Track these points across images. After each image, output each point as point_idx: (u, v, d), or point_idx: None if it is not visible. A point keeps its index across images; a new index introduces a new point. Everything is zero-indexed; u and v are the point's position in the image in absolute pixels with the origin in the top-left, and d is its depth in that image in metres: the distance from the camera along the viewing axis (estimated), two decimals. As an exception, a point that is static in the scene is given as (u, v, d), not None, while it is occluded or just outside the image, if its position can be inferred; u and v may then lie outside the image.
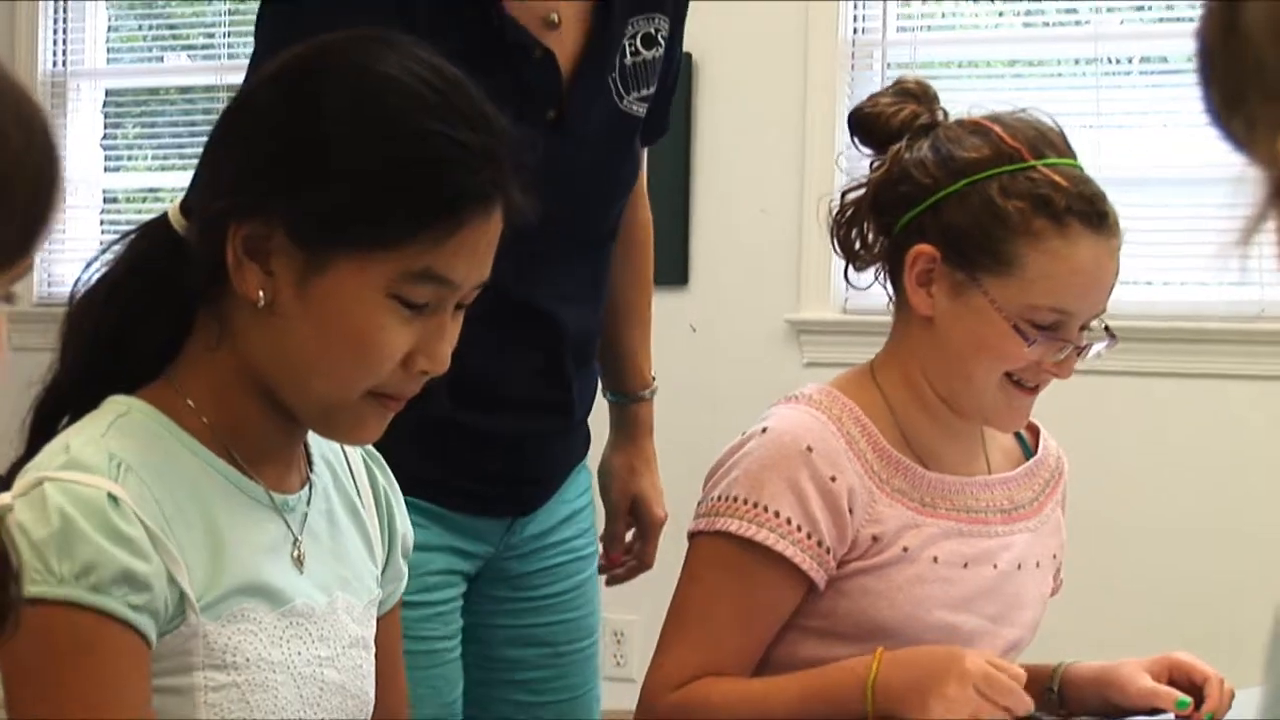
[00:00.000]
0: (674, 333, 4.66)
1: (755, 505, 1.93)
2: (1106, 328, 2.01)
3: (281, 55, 1.59)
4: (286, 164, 1.52)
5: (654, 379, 2.50)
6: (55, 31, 5.45)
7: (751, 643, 1.96)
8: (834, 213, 2.04)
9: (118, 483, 1.46)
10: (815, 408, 1.98)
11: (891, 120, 2.01)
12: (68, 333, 1.60)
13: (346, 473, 1.72)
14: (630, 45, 2.20)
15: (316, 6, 1.96)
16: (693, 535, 1.99)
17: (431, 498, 2.12)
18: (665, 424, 4.59)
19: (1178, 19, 4.41)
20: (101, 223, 5.38)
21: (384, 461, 1.76)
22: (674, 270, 4.63)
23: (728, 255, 4.62)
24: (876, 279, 2.07)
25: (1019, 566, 2.05)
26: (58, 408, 1.59)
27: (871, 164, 2.04)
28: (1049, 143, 1.98)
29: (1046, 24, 4.59)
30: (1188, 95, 4.34)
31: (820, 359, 4.44)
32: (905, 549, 1.97)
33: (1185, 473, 4.19)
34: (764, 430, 1.97)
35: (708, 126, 4.62)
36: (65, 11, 5.44)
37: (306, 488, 1.64)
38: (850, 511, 1.94)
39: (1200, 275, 4.17)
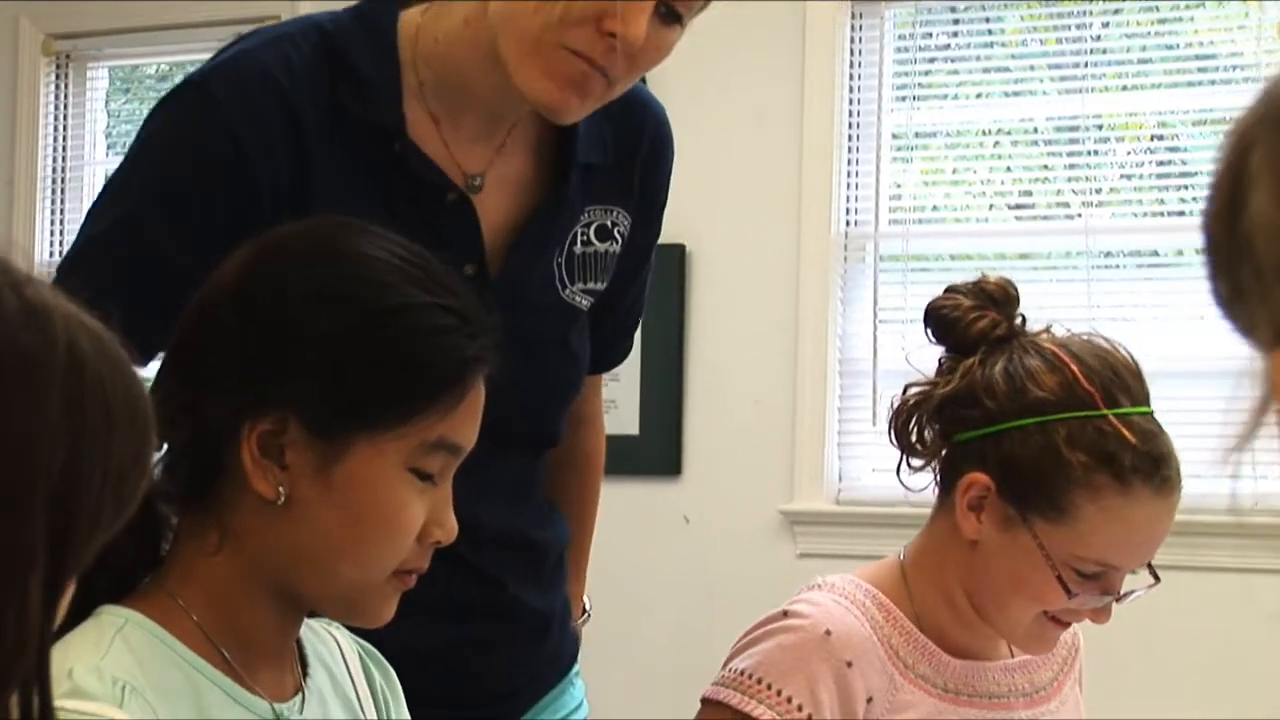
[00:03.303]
0: (667, 523, 4.64)
1: (760, 682, 1.93)
2: (1150, 567, 1.98)
3: (248, 249, 1.58)
4: (297, 358, 1.52)
5: (587, 609, 2.30)
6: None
7: None
8: (894, 405, 2.02)
9: (121, 708, 1.45)
10: (839, 594, 1.98)
11: (970, 329, 1.97)
12: None
13: (344, 673, 1.69)
14: (583, 234, 2.05)
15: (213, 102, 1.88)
16: (703, 699, 1.99)
17: None
18: (660, 614, 4.58)
19: (1167, 213, 4.44)
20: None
21: (381, 657, 1.73)
22: (667, 461, 4.62)
23: (721, 446, 4.61)
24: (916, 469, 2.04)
25: None
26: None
27: (940, 360, 2.00)
28: (1124, 387, 1.94)
29: (1037, 218, 4.62)
30: (1179, 289, 4.37)
31: (814, 550, 4.42)
32: None
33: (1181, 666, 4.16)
34: (784, 613, 1.97)
35: (700, 318, 4.64)
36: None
37: (302, 694, 1.61)
38: (869, 700, 1.93)
39: (1194, 469, 4.14)
